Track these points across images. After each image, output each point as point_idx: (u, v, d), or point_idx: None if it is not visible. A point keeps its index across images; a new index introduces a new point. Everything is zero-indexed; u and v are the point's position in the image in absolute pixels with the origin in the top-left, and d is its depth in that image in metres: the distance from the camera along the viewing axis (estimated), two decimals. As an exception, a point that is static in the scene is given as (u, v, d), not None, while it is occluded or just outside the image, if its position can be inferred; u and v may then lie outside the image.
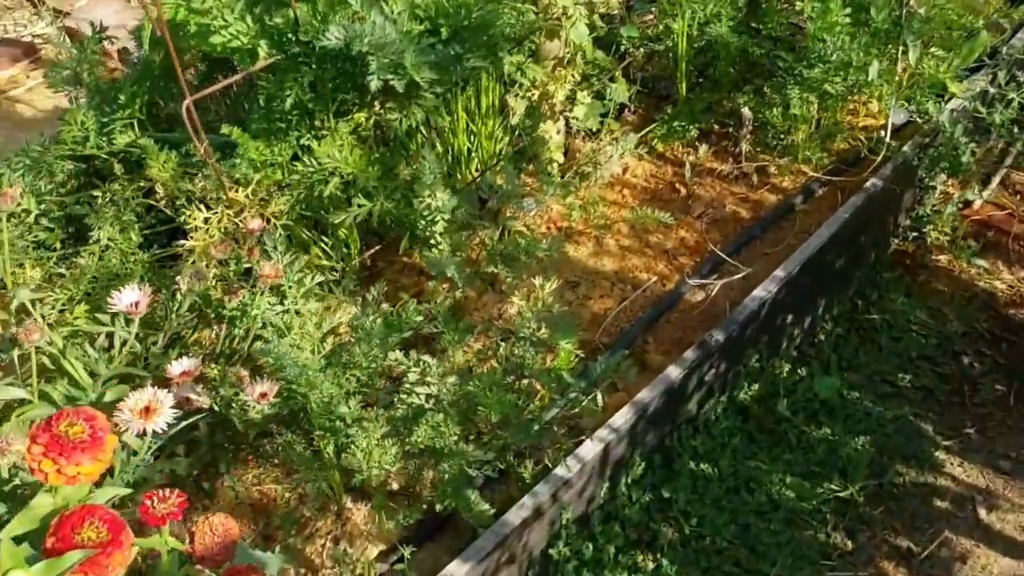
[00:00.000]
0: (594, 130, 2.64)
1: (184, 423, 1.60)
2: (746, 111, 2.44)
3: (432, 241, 2.06)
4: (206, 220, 1.87)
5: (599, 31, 2.53)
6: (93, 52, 2.30)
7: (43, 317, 1.71)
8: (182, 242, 1.91)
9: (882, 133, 2.51)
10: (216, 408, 1.69)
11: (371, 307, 1.91)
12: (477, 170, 2.46)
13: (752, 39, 2.59)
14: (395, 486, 1.93)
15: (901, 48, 2.43)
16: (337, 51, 1.80)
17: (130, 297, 1.54)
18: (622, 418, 1.95)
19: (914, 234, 2.70)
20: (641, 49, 2.69)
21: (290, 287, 1.76)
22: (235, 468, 1.93)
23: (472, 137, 2.42)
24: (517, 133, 2.47)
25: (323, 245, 2.18)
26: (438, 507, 1.79)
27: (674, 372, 2.02)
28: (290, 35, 1.85)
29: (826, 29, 2.38)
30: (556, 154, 2.54)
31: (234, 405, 1.67)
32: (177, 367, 1.62)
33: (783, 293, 2.20)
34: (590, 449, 1.89)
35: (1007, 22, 2.74)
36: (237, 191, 1.93)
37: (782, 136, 2.60)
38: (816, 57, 2.36)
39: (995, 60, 2.64)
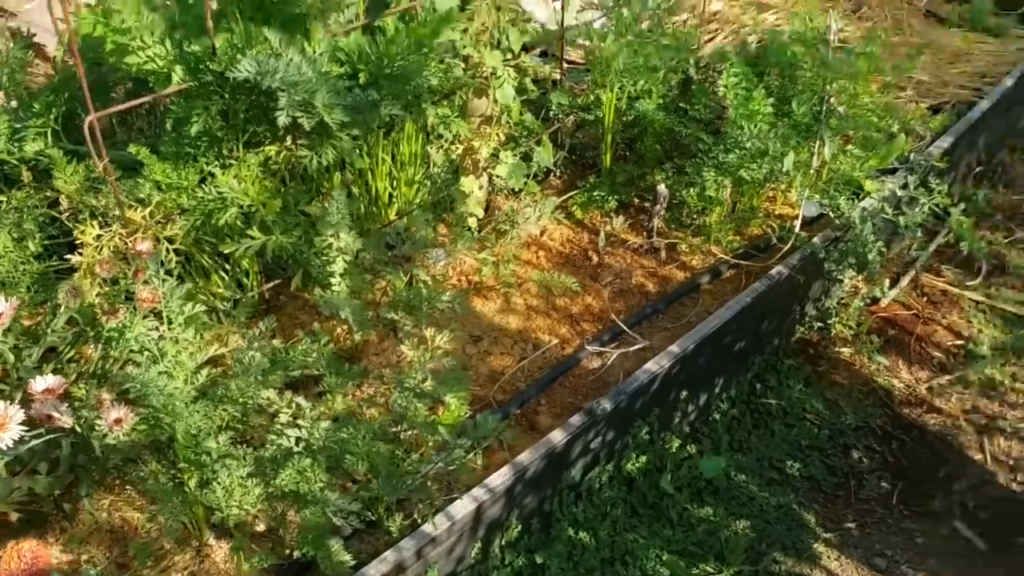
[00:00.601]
0: (516, 190, 2.67)
1: (41, 440, 1.56)
2: (662, 188, 2.48)
3: (328, 281, 2.05)
4: (98, 237, 1.85)
5: (530, 94, 2.58)
6: (16, 57, 2.28)
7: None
8: (70, 256, 1.88)
9: (795, 223, 2.57)
10: (78, 429, 1.66)
11: (257, 341, 1.89)
12: (396, 214, 2.47)
13: (679, 119, 2.65)
14: (261, 527, 1.89)
15: (818, 143, 2.50)
16: (250, 83, 1.80)
17: (-5, 307, 1.51)
18: (500, 478, 1.94)
19: (819, 324, 2.75)
20: (571, 117, 2.74)
21: (171, 313, 1.73)
22: (97, 492, 1.88)
23: (393, 183, 2.43)
24: (438, 184, 2.48)
25: (222, 273, 2.16)
26: (296, 553, 1.76)
27: (558, 436, 2.02)
28: (206, 63, 1.85)
29: (746, 116, 2.44)
30: (476, 209, 2.56)
31: (95, 428, 1.63)
32: (40, 383, 1.58)
33: (677, 369, 2.22)
34: (462, 507, 1.87)
35: (925, 130, 2.83)
36: (136, 211, 1.91)
37: (696, 216, 2.65)
38: (733, 143, 2.41)
39: (910, 164, 2.72)
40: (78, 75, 2.24)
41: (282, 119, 1.79)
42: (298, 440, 1.76)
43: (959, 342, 2.79)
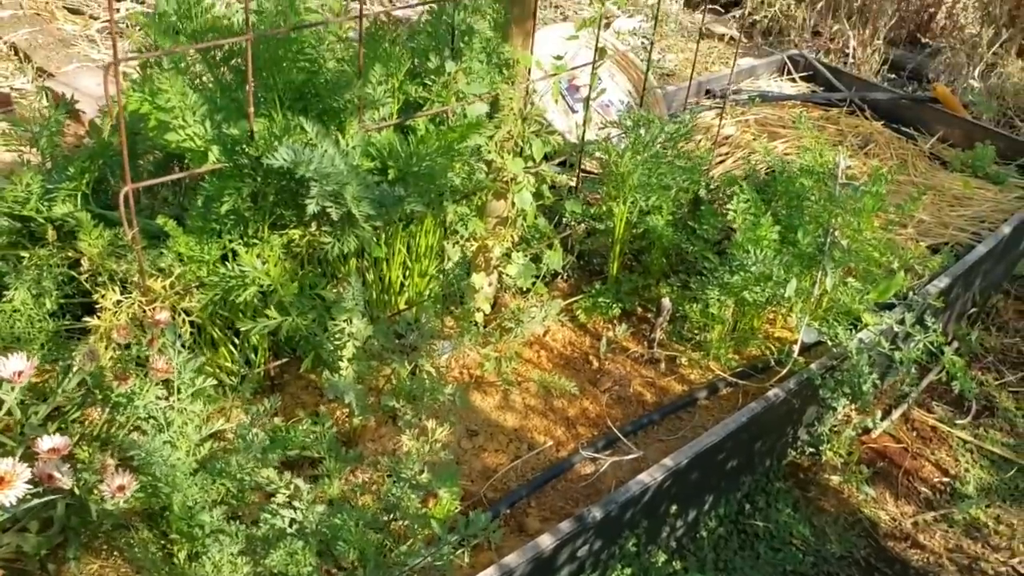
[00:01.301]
0: (524, 289, 2.73)
1: (40, 500, 1.58)
2: (666, 301, 2.54)
3: (337, 365, 2.09)
4: (118, 302, 1.89)
5: (546, 200, 2.66)
6: (57, 120, 2.36)
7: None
8: (89, 319, 1.93)
9: (793, 348, 2.63)
10: (77, 491, 1.67)
11: (260, 418, 1.92)
12: (406, 303, 2.52)
13: (687, 236, 2.73)
14: (244, 605, 1.89)
15: (821, 273, 2.57)
16: (283, 170, 1.88)
17: (16, 365, 1.54)
18: (485, 579, 1.94)
19: (811, 450, 2.78)
20: (583, 224, 2.82)
21: (181, 385, 1.77)
22: (84, 555, 1.88)
23: (406, 272, 2.49)
24: (450, 277, 2.55)
25: (231, 347, 2.20)
26: (278, 636, 1.75)
27: (546, 541, 2.02)
28: (243, 147, 1.93)
29: (753, 241, 2.52)
30: (484, 305, 2.62)
31: (95, 491, 1.65)
32: (47, 442, 1.61)
33: (669, 483, 2.24)
34: (446, 604, 1.87)
35: (923, 268, 2.92)
36: (157, 280, 1.96)
37: (698, 331, 2.70)
38: (739, 265, 2.48)
39: (908, 301, 2.79)
40: (113, 144, 2.34)
41: (311, 207, 1.86)
42: (292, 522, 1.77)
43: (946, 479, 2.81)
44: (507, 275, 2.62)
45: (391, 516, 1.92)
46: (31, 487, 1.48)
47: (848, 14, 5.06)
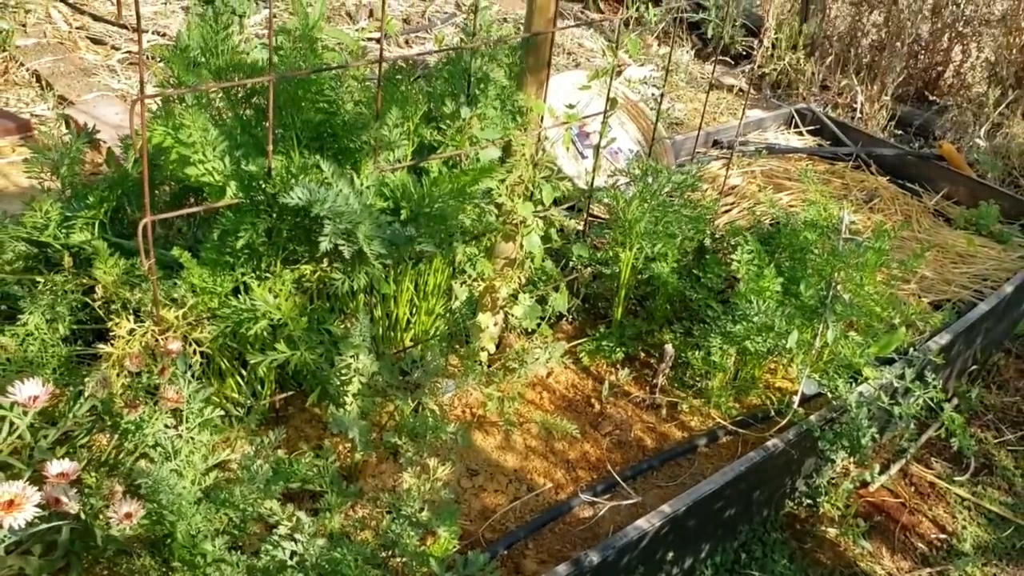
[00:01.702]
0: (529, 330, 2.76)
1: (47, 525, 1.60)
2: (669, 348, 2.57)
3: (343, 400, 2.11)
4: (131, 331, 1.93)
5: (554, 243, 2.70)
6: (78, 149, 2.42)
7: (-58, 387, 1.73)
8: (101, 346, 1.96)
9: (793, 398, 2.65)
10: (83, 516, 1.70)
11: (264, 450, 1.94)
12: (412, 340, 2.55)
13: (691, 284, 2.77)
14: (240, 636, 1.90)
15: (822, 325, 2.60)
16: (298, 208, 1.92)
17: (31, 390, 1.58)
18: (481, 618, 1.95)
19: (808, 501, 2.79)
20: (589, 268, 2.86)
21: (189, 414, 1.80)
22: (85, 581, 1.90)
23: (413, 309, 2.53)
24: (456, 316, 2.58)
25: (238, 379, 2.23)
26: (274, 668, 1.76)
27: (542, 583, 2.04)
28: (260, 183, 1.97)
29: (756, 292, 2.56)
30: (489, 344, 2.65)
31: (100, 517, 1.67)
32: (56, 467, 1.63)
33: (666, 529, 2.25)
34: (441, 643, 1.88)
35: (925, 324, 2.95)
36: (170, 310, 2.00)
37: (699, 378, 2.73)
38: (742, 315, 2.52)
39: (909, 357, 2.82)
40: (132, 175, 2.39)
41: (324, 245, 1.90)
42: (292, 554, 1.79)
43: (943, 536, 2.82)
44: (513, 316, 2.66)
45: (390, 552, 1.94)
46: (39, 511, 1.50)
47: (857, 69, 5.14)
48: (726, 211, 3.62)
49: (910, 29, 4.98)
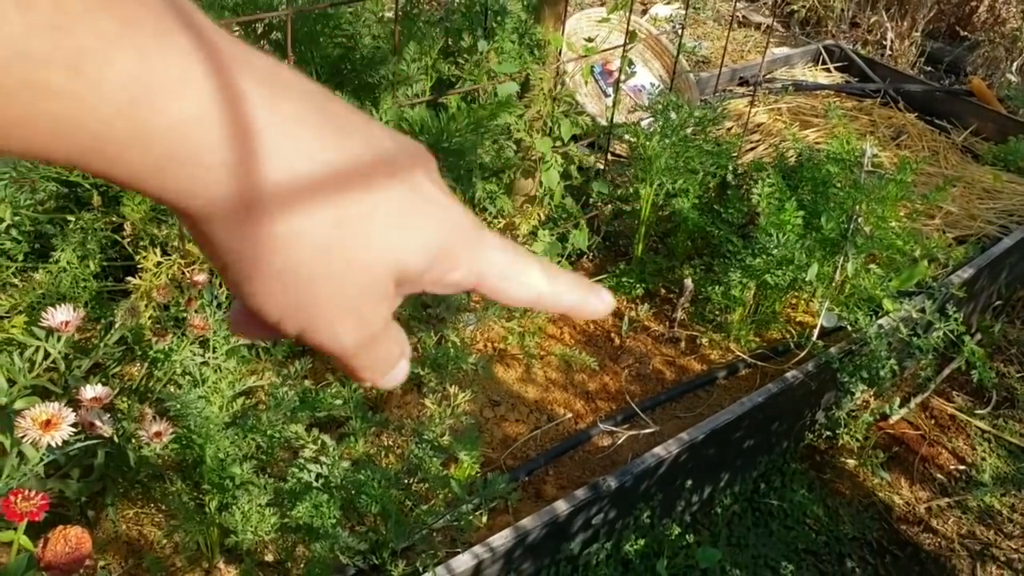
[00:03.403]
0: (550, 267, 2.79)
1: (82, 444, 1.67)
2: (688, 282, 2.59)
3: (366, 332, 2.16)
4: (158, 264, 1.98)
5: (574, 180, 2.72)
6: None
7: (-20, 318, 1.80)
8: (130, 279, 2.02)
9: (813, 331, 2.67)
10: (116, 440, 1.77)
11: (291, 379, 2.00)
12: (432, 278, 2.59)
13: (713, 220, 2.78)
14: (269, 557, 1.98)
15: (843, 258, 2.61)
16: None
17: (63, 315, 1.64)
18: (501, 539, 2.01)
19: (827, 433, 2.82)
20: (609, 205, 2.87)
21: (216, 343, 1.86)
22: (121, 502, 1.98)
23: (434, 247, 2.56)
24: (476, 253, 2.61)
25: (266, 313, 2.28)
26: (301, 584, 1.84)
27: (561, 507, 2.09)
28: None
29: (776, 225, 2.56)
30: (509, 281, 2.68)
31: (133, 440, 1.74)
32: (89, 391, 1.70)
33: (684, 456, 2.30)
34: (463, 562, 1.95)
35: (947, 258, 2.94)
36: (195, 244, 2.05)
37: (719, 313, 2.75)
38: (761, 248, 2.53)
39: (930, 290, 2.82)
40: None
41: (344, 176, 1.93)
42: (318, 476, 1.86)
43: (962, 467, 2.84)
44: (533, 252, 2.69)
45: (413, 477, 2.00)
46: (74, 432, 1.57)
47: (887, 5, 5.04)
48: (751, 148, 3.61)
49: (943, -38, 4.88)
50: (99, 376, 1.95)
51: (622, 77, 2.65)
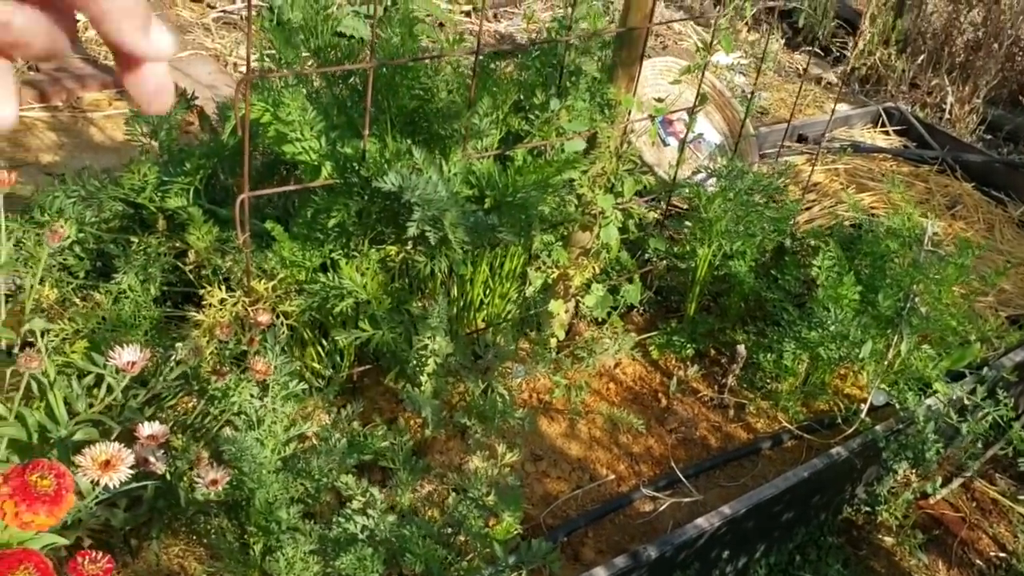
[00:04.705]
0: (600, 320, 2.79)
1: (136, 485, 1.69)
2: (741, 349, 2.58)
3: (418, 380, 2.17)
4: (222, 301, 2.00)
5: (631, 235, 2.71)
6: (177, 116, 2.49)
7: (45, 347, 1.82)
8: (193, 312, 2.04)
9: (861, 406, 2.64)
10: (168, 477, 1.78)
11: (342, 422, 2.01)
12: (484, 321, 2.60)
13: (768, 284, 2.76)
14: (308, 600, 1.98)
15: (897, 337, 2.58)
16: (390, 192, 1.97)
17: (130, 356, 1.65)
18: (539, 603, 2.01)
19: (867, 509, 2.78)
20: (664, 261, 2.87)
21: (275, 386, 1.87)
22: (165, 536, 2.00)
23: (487, 291, 2.57)
24: (529, 302, 2.62)
25: (320, 349, 2.30)
26: (340, 635, 1.84)
27: (600, 573, 2.08)
28: (354, 165, 2.02)
29: (834, 299, 2.54)
30: (559, 331, 2.68)
31: (185, 479, 1.75)
32: (147, 429, 1.71)
33: (724, 529, 2.28)
34: (499, 624, 1.94)
35: (1000, 341, 2.90)
36: (260, 282, 2.07)
37: (769, 380, 2.73)
38: (818, 322, 2.51)
39: (981, 373, 2.78)
40: (228, 146, 2.46)
41: (412, 230, 1.94)
42: (363, 528, 1.86)
43: (1003, 555, 2.79)
44: (585, 305, 2.68)
45: (455, 531, 2.00)
46: (131, 472, 1.58)
47: (949, 69, 5.01)
48: (807, 208, 3.59)
49: (1009, 30, 4.83)
50: (155, 407, 1.97)
51: (688, 137, 2.65)
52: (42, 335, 1.75)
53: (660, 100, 2.51)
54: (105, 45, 0.51)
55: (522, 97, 2.33)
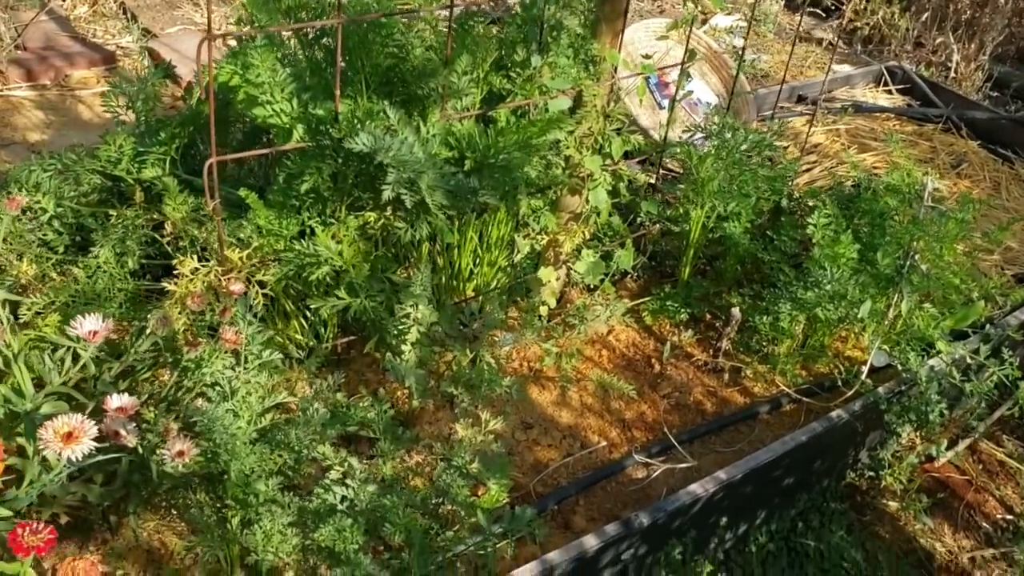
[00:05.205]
0: (592, 286, 2.73)
1: (106, 456, 1.64)
2: (736, 311, 2.51)
3: (400, 349, 2.12)
4: (194, 270, 1.95)
5: (622, 198, 2.64)
6: (153, 85, 2.43)
7: (14, 317, 1.78)
8: (165, 284, 1.99)
9: (862, 368, 2.57)
10: (140, 450, 1.74)
11: (323, 394, 1.96)
12: (473, 291, 2.54)
13: (764, 246, 2.69)
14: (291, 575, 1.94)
15: (897, 296, 2.51)
16: (363, 154, 1.90)
17: (91, 325, 1.60)
18: (527, 573, 1.96)
19: (870, 473, 2.72)
20: (657, 225, 2.80)
21: (248, 355, 1.82)
22: (144, 511, 1.96)
23: (476, 260, 2.51)
24: (518, 269, 2.56)
25: (302, 321, 2.25)
26: (320, 609, 1.80)
27: (591, 541, 2.03)
28: (327, 128, 1.96)
29: (831, 258, 2.47)
30: (549, 299, 2.62)
31: (156, 452, 1.71)
32: (115, 401, 1.67)
33: (720, 495, 2.22)
34: (486, 594, 1.90)
35: (1005, 299, 2.82)
36: (235, 251, 2.01)
37: (765, 344, 2.67)
38: (814, 281, 2.44)
39: (985, 332, 2.71)
40: (204, 112, 2.40)
41: (387, 194, 1.88)
42: (343, 499, 1.82)
43: (1009, 517, 2.73)
44: (575, 271, 2.62)
45: (440, 500, 1.95)
46: (97, 444, 1.53)
47: (954, 26, 4.89)
48: (807, 170, 3.50)
49: (1016, -16, 4.71)
50: (129, 380, 1.93)
51: (679, 95, 2.58)
52: (6, 305, 1.71)
53: (648, 57, 2.43)
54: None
55: (503, 55, 2.26)
